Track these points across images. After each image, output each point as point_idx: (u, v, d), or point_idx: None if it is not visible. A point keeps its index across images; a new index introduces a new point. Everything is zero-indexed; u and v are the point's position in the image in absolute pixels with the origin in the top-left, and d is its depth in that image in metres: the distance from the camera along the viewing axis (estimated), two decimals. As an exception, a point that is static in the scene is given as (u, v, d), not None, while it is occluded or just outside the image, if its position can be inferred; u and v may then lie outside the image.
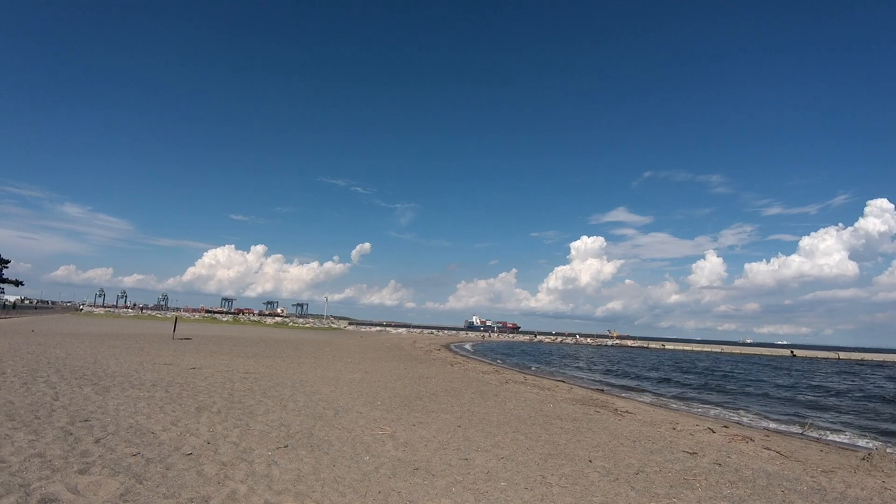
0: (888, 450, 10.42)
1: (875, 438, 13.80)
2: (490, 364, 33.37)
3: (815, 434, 13.92)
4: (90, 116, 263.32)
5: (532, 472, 7.05)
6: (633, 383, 27.73)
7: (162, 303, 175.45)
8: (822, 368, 52.51)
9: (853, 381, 36.53)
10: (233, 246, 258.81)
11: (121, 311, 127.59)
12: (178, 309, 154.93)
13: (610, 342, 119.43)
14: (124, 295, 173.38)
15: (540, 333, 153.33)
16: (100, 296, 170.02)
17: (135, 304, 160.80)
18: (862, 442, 13.32)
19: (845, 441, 13.39)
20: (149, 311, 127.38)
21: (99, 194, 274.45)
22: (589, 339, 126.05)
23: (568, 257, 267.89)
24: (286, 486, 5.75)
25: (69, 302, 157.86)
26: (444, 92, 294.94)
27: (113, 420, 8.16)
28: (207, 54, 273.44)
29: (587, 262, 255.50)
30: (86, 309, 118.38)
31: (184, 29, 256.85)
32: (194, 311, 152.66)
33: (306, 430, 8.63)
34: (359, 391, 13.81)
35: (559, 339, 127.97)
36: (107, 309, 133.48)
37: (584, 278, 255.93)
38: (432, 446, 8.13)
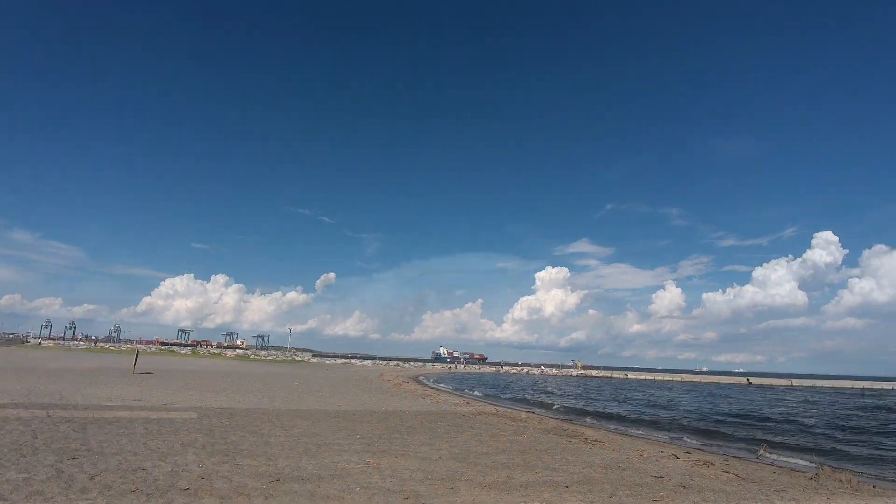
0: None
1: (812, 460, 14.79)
2: (460, 396, 33.59)
3: (770, 458, 14.85)
4: (42, 138, 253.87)
5: (515, 498, 7.52)
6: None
7: (114, 335, 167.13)
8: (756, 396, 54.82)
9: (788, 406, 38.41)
10: (192, 275, 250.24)
11: (71, 343, 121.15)
12: (131, 341, 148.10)
13: (574, 372, 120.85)
14: (73, 326, 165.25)
15: (506, 364, 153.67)
16: (46, 327, 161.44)
17: (87, 336, 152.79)
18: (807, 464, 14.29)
19: (794, 463, 14.36)
20: (101, 344, 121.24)
21: (50, 220, 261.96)
22: (554, 370, 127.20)
23: (533, 287, 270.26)
24: (287, 516, 6.05)
25: (12, 334, 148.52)
26: (410, 124, 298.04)
27: (100, 457, 8.21)
28: (169, 80, 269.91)
29: (552, 292, 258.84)
30: (32, 341, 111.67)
31: (145, 54, 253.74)
32: (149, 343, 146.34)
33: (293, 463, 8.85)
34: (337, 425, 13.97)
35: (525, 369, 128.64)
36: (55, 341, 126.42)
37: (549, 308, 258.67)
38: (417, 476, 8.50)
